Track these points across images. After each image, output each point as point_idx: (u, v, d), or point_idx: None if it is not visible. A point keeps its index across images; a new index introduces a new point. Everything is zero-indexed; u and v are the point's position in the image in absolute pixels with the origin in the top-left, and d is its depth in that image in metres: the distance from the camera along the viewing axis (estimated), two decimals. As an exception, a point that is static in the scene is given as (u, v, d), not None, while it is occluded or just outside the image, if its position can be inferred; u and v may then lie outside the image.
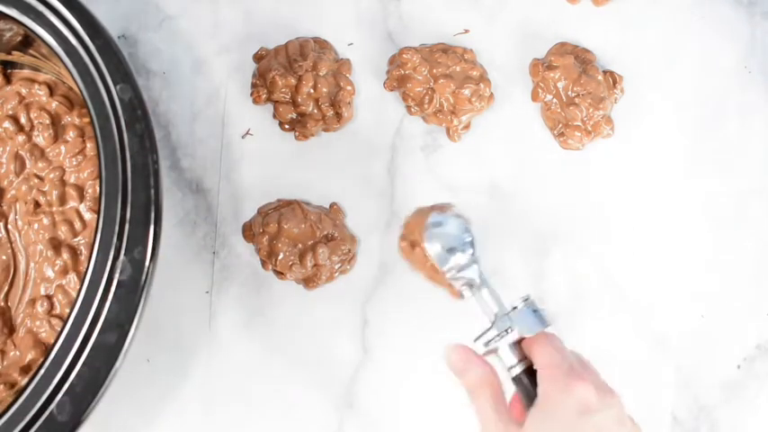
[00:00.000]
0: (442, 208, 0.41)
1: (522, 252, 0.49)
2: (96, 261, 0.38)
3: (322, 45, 0.51)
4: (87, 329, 0.37)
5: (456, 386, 0.48)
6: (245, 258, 0.49)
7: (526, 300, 0.37)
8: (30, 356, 0.45)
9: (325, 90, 0.49)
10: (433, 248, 0.39)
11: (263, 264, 0.48)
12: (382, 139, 0.50)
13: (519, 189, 0.50)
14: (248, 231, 0.49)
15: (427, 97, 0.49)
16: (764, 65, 0.51)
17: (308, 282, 0.48)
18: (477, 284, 0.39)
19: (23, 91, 0.48)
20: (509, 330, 0.36)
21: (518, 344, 0.36)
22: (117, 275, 0.38)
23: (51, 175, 0.47)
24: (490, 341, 0.37)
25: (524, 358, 0.36)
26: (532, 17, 0.52)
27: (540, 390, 0.34)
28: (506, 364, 0.37)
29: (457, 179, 0.50)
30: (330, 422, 0.47)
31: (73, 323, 0.37)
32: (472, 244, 0.40)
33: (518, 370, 0.36)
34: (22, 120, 0.47)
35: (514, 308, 0.37)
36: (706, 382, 0.48)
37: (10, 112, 0.47)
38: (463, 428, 0.48)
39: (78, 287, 0.40)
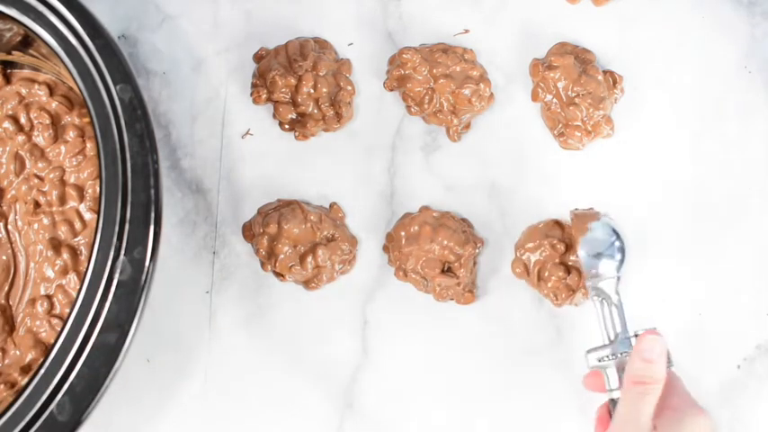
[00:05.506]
0: (593, 216, 0.43)
1: (522, 252, 0.49)
2: (96, 261, 0.38)
3: (322, 45, 0.51)
4: (87, 329, 0.37)
5: (456, 387, 0.48)
6: (244, 258, 0.49)
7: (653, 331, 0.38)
8: (30, 356, 0.45)
9: (325, 90, 0.49)
10: (583, 252, 0.41)
11: (263, 265, 0.48)
12: (382, 139, 0.50)
13: (519, 189, 0.50)
14: (248, 231, 0.49)
15: (427, 97, 0.49)
16: (764, 65, 0.51)
17: (309, 283, 0.48)
18: (609, 300, 0.40)
19: (23, 91, 0.48)
20: (625, 355, 0.38)
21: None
22: (117, 275, 0.38)
23: (51, 175, 0.47)
24: (603, 358, 0.38)
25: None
26: (532, 17, 0.52)
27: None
28: (609, 386, 0.38)
29: (457, 179, 0.50)
30: (330, 422, 0.47)
31: (73, 323, 0.37)
32: (622, 256, 0.42)
33: (617, 394, 0.38)
34: (22, 120, 0.47)
35: (636, 334, 0.38)
36: (706, 382, 0.48)
37: (10, 112, 0.47)
38: (463, 429, 0.48)
39: (78, 287, 0.40)
